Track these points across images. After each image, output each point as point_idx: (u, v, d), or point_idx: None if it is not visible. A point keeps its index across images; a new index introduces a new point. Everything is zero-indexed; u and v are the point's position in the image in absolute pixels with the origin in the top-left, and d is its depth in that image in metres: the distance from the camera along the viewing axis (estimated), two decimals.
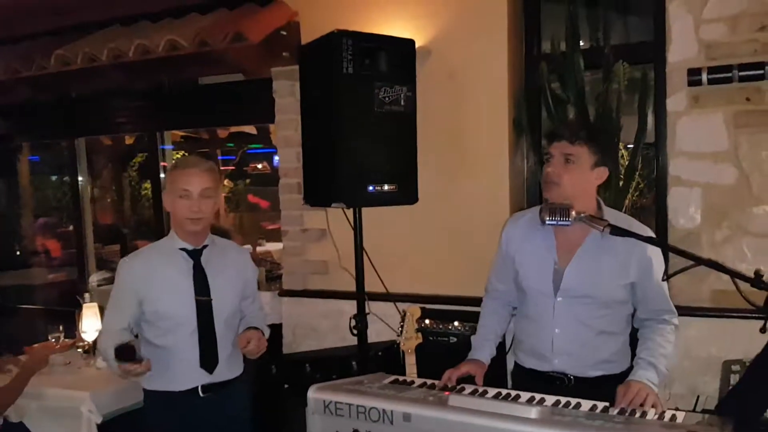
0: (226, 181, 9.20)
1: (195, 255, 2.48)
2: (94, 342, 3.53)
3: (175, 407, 2.44)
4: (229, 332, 2.54)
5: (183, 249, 2.47)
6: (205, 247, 2.50)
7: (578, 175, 2.16)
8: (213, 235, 2.58)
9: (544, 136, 2.29)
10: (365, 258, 3.15)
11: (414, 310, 2.57)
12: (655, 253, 2.21)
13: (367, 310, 3.14)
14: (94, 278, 5.38)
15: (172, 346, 2.42)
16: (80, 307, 3.59)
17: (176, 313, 2.38)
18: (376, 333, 3.35)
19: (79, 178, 5.32)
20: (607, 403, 1.90)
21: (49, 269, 6.11)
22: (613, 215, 2.24)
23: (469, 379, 2.22)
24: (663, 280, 2.20)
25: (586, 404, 1.88)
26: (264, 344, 2.52)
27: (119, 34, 4.20)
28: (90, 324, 3.53)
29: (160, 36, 3.75)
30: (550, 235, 2.26)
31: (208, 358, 2.46)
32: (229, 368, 2.53)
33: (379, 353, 3.23)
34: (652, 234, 2.24)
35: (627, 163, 3.06)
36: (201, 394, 2.45)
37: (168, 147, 5.05)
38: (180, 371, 2.43)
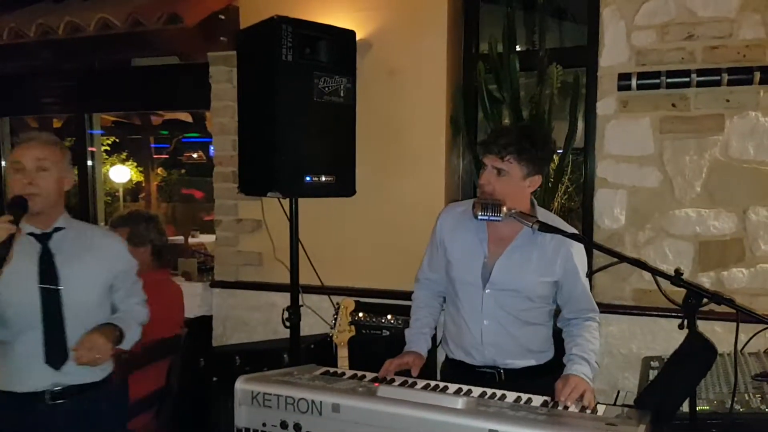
0: (159, 170, 8.93)
1: (43, 239, 2.24)
2: None
3: (19, 413, 2.18)
4: (87, 326, 2.24)
5: (31, 234, 2.22)
6: (57, 230, 2.28)
7: (510, 186, 2.19)
8: (73, 219, 2.36)
9: (478, 142, 2.28)
10: (301, 250, 3.12)
11: (348, 302, 2.55)
12: (580, 255, 2.29)
13: (300, 303, 3.12)
14: None
15: (15, 339, 2.19)
16: None
17: (20, 302, 2.17)
18: (309, 326, 3.34)
19: (2, 162, 5.06)
20: (531, 396, 1.94)
21: None
22: (544, 215, 2.30)
23: (406, 372, 2.23)
24: (587, 276, 2.29)
25: (511, 396, 1.93)
26: (106, 351, 2.17)
27: (49, 10, 4.02)
28: None
29: (91, 13, 3.61)
30: (482, 228, 2.30)
31: (55, 353, 2.20)
32: (85, 368, 2.20)
33: (312, 346, 3.21)
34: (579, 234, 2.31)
35: (556, 165, 3.14)
36: (49, 400, 2.19)
37: (97, 132, 4.87)
38: (24, 367, 2.20)
